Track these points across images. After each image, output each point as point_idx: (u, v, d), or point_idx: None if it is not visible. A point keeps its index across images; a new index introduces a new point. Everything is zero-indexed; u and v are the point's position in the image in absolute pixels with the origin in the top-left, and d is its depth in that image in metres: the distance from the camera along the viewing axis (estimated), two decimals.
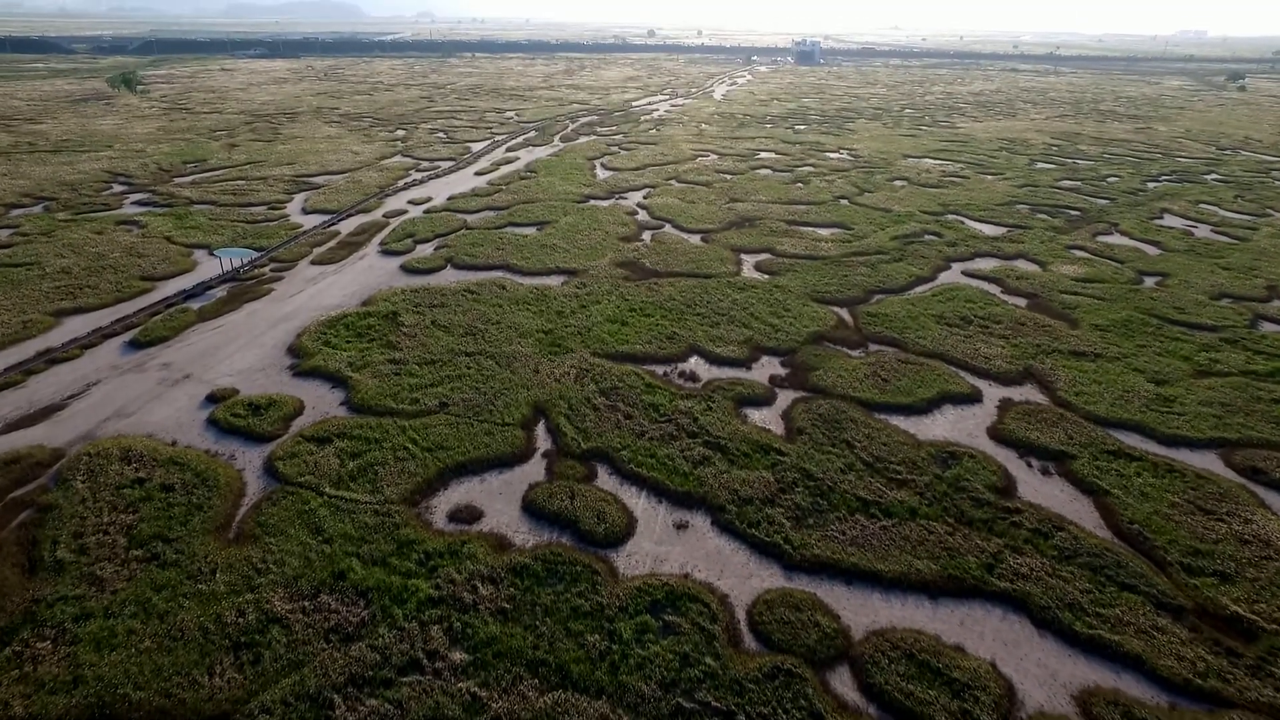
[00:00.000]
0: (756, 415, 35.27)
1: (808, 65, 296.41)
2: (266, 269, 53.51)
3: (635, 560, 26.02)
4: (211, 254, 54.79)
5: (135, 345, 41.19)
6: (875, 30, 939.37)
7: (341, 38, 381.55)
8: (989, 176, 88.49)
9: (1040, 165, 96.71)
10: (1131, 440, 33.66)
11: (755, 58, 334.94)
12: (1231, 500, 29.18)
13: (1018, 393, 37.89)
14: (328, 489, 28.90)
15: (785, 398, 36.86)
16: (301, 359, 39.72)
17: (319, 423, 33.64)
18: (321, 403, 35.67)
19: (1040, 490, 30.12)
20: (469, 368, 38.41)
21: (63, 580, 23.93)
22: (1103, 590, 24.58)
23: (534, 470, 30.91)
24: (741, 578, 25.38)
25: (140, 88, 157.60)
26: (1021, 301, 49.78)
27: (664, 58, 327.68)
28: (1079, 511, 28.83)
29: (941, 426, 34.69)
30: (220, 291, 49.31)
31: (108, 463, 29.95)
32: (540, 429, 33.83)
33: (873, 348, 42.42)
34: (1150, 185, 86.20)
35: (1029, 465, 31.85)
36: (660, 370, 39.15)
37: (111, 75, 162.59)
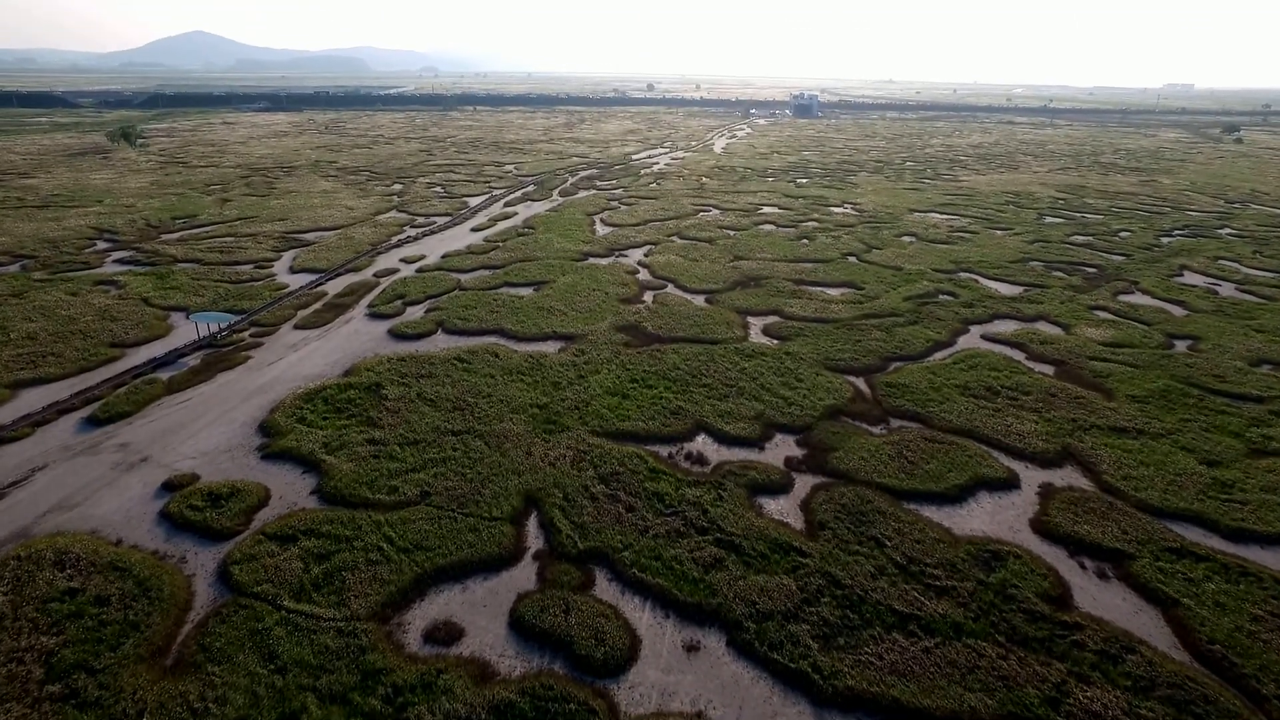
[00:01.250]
0: (773, 505, 31.76)
1: (806, 118, 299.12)
2: (246, 334, 50.46)
3: (639, 694, 22.27)
4: (188, 318, 51.76)
5: (93, 422, 37.83)
6: (870, 84, 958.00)
7: (345, 91, 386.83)
8: (998, 231, 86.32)
9: (1049, 219, 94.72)
10: (1193, 534, 30.11)
11: (753, 110, 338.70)
12: None
13: (1058, 476, 34.43)
14: (287, 602, 25.25)
15: (803, 484, 33.39)
16: (273, 438, 36.34)
17: (284, 516, 30.12)
18: (290, 491, 32.19)
19: (1100, 599, 26.45)
20: (455, 449, 35.01)
21: None
22: None
23: (524, 576, 27.28)
24: (764, 717, 21.60)
25: (140, 142, 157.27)
26: (1049, 369, 46.62)
27: (663, 111, 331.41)
28: (1148, 626, 25.15)
29: (979, 518, 31.15)
30: (193, 359, 46.16)
31: (38, 569, 26.33)
32: (532, 524, 30.29)
33: (894, 423, 39.08)
34: (1164, 240, 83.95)
35: (1082, 567, 28.23)
36: (665, 451, 35.76)
37: (111, 129, 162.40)
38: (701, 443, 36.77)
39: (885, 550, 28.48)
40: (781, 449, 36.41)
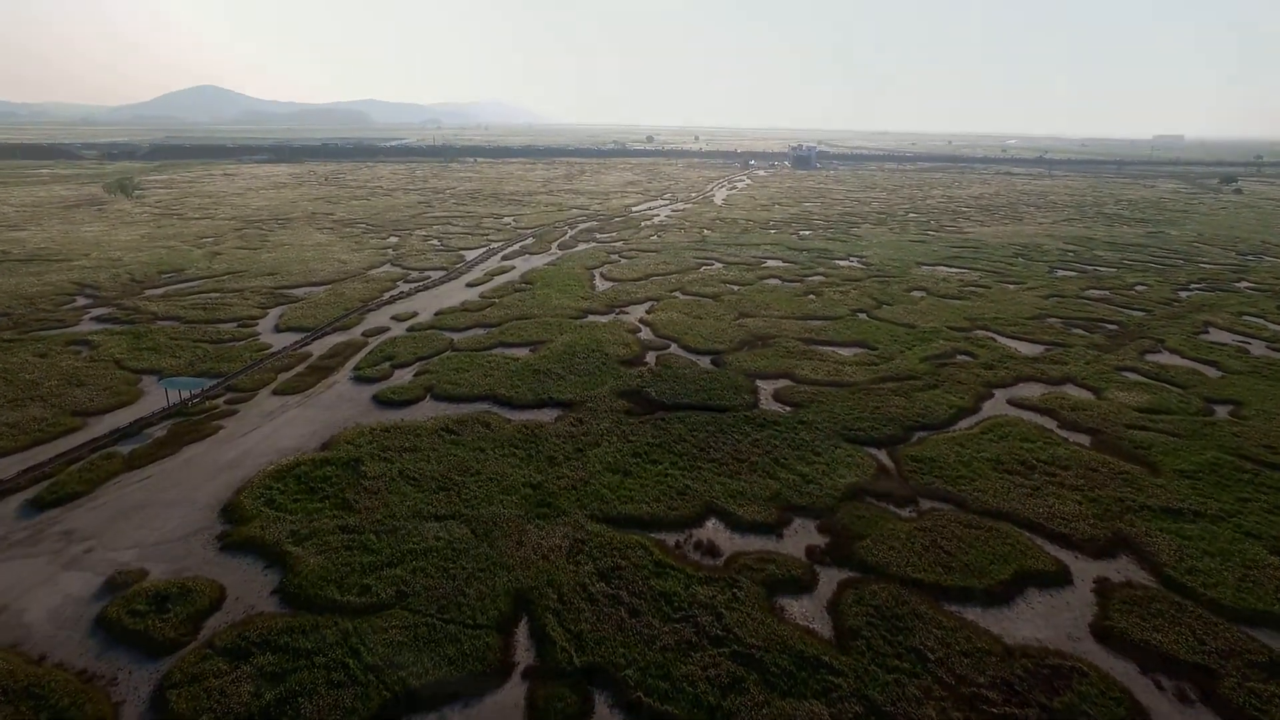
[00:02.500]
0: (796, 608, 27.96)
1: (804, 169, 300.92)
2: (220, 400, 47.05)
3: None
4: (158, 382, 48.38)
5: (38, 505, 34.16)
6: (865, 135, 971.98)
7: (352, 143, 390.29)
8: (1011, 286, 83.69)
9: (1061, 273, 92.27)
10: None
11: (753, 162, 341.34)
12: None
13: (1113, 569, 30.70)
14: None
15: (829, 580, 29.65)
16: (235, 525, 32.67)
17: (239, 624, 26.30)
18: (248, 590, 28.41)
19: None
20: (438, 539, 31.33)
21: None
22: None
23: (511, 700, 23.38)
24: None
25: (137, 193, 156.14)
26: (1084, 439, 43.15)
27: (663, 162, 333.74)
28: None
29: (1031, 623, 27.33)
30: (160, 430, 42.64)
31: None
32: (522, 631, 26.47)
33: (924, 504, 35.44)
34: (1182, 294, 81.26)
35: (1159, 687, 24.34)
36: (672, 540, 32.08)
37: (109, 181, 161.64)
38: (712, 529, 33.13)
39: (929, 666, 24.63)
40: (802, 536, 32.74)
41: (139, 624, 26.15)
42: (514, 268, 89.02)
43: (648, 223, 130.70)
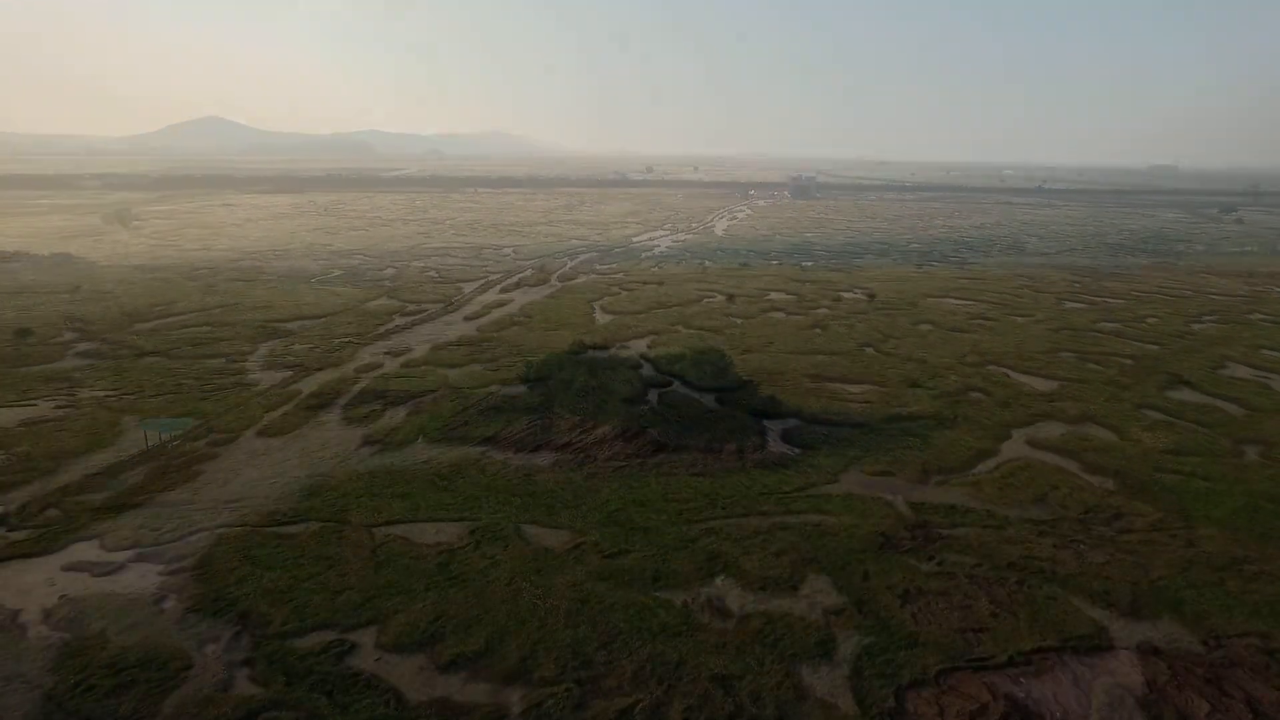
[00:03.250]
0: (815, 679, 25.56)
1: (804, 199, 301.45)
2: (202, 442, 44.83)
3: None
4: (138, 423, 46.25)
5: None
6: (865, 164, 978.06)
7: (349, 174, 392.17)
8: (1019, 318, 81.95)
9: (1069, 304, 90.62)
10: None
11: (752, 192, 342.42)
12: None
13: (1157, 632, 28.38)
14: None
15: (849, 644, 27.31)
16: (208, 584, 30.34)
17: (203, 700, 23.92)
18: (216, 660, 26.03)
19: None
20: (426, 598, 29.02)
21: None
22: None
23: None
24: None
25: (134, 224, 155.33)
26: (1109, 483, 40.98)
27: (663, 192, 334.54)
28: None
29: (1072, 699, 24.92)
30: (136, 475, 40.40)
31: None
32: (516, 708, 24.05)
33: (946, 558, 33.05)
34: (1195, 327, 79.50)
35: None
36: (678, 599, 29.75)
37: (106, 211, 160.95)
38: (722, 586, 30.82)
39: None
40: (818, 593, 30.44)
41: (93, 702, 23.79)
42: (513, 300, 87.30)
43: (649, 253, 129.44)
